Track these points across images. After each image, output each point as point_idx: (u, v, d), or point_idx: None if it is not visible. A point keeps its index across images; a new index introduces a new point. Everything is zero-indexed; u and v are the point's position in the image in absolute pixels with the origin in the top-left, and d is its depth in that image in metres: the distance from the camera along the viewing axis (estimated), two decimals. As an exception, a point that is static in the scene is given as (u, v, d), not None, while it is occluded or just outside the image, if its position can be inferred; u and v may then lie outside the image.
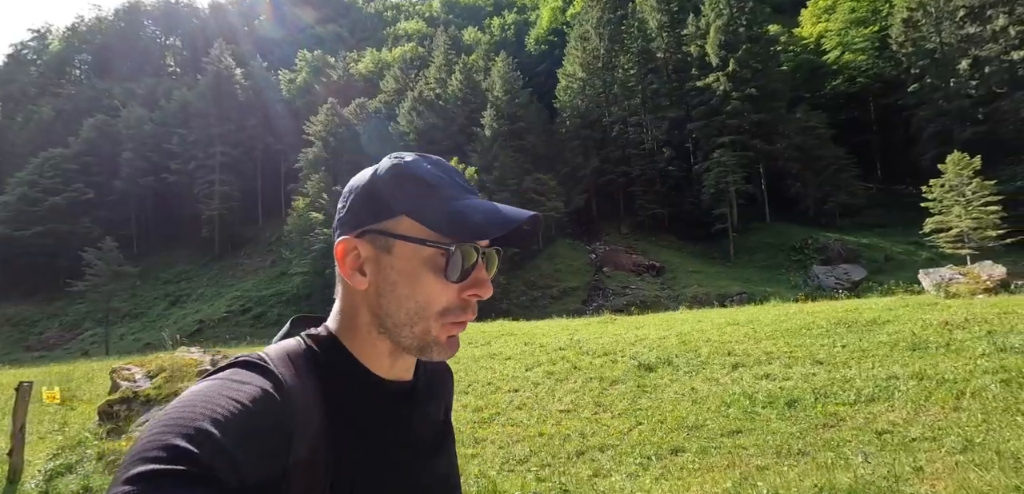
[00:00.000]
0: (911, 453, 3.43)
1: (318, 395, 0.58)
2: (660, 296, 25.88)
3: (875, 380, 4.97)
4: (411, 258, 0.60)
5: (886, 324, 8.33)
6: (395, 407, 0.65)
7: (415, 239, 0.59)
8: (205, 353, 6.66)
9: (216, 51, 53.34)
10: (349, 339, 0.63)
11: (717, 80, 35.41)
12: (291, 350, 0.61)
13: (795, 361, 6.23)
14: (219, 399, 0.49)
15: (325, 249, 33.86)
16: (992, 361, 5.06)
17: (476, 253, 0.61)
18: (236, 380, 0.52)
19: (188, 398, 0.49)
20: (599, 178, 38.15)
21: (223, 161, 50.88)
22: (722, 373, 6.08)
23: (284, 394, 0.54)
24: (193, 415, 0.46)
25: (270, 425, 0.51)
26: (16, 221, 45.89)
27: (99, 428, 5.69)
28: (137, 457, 0.42)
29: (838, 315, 9.94)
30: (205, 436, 0.45)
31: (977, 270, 11.58)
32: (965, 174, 22.38)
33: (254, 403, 0.50)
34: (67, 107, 57.26)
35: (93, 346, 34.90)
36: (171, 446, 0.43)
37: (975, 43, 32.63)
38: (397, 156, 0.65)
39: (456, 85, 40.46)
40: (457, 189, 0.63)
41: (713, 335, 9.19)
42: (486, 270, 0.63)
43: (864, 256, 29.79)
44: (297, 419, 0.53)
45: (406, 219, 0.60)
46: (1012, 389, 4.29)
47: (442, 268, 0.59)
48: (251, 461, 0.47)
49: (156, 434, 0.44)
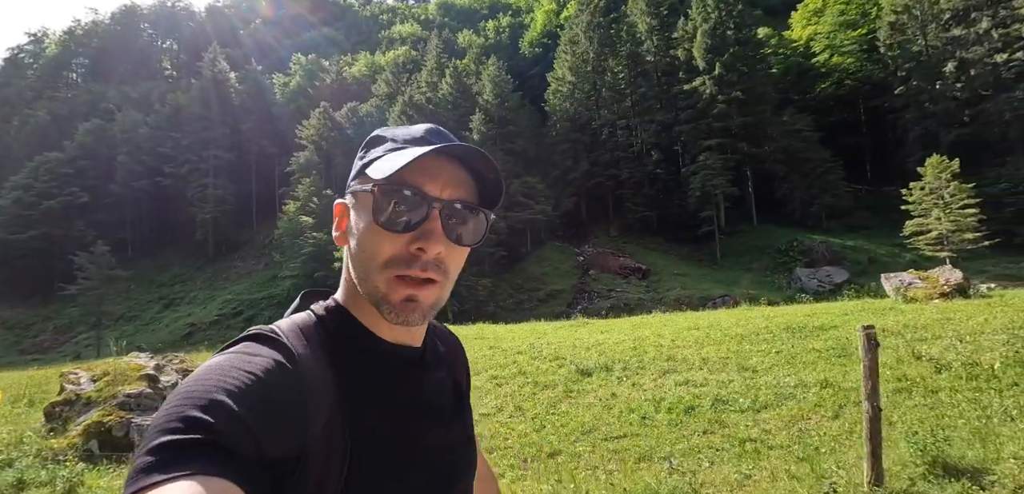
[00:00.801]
0: (745, 462, 3.61)
1: (329, 364, 0.59)
2: (643, 299, 26.03)
3: (781, 388, 5.16)
4: (361, 209, 0.62)
5: (831, 330, 8.52)
6: (404, 372, 0.65)
7: (358, 189, 0.62)
8: (150, 359, 6.86)
9: (210, 55, 53.68)
10: (353, 303, 0.65)
11: (703, 84, 35.63)
12: (300, 322, 0.62)
13: (724, 367, 6.42)
14: (232, 371, 0.50)
15: (315, 252, 34.07)
16: (896, 370, 5.24)
17: (424, 201, 0.59)
18: (248, 353, 0.54)
19: (203, 372, 0.51)
20: (588, 181, 38.36)
21: (217, 165, 51.16)
22: (649, 379, 6.27)
23: (296, 364, 0.55)
24: (207, 387, 0.47)
25: (284, 396, 0.52)
26: (11, 225, 46.17)
27: (42, 427, 5.89)
28: (157, 429, 0.44)
29: (794, 320, 10.12)
30: (220, 406, 0.46)
31: (936, 274, 11.74)
32: (943, 177, 22.53)
33: (266, 374, 0.51)
34: (63, 111, 57.56)
35: (86, 349, 35.11)
36: (188, 417, 0.44)
37: (961, 45, 32.83)
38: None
39: (446, 89, 40.71)
40: (411, 141, 0.63)
41: (667, 341, 9.38)
42: (442, 224, 0.61)
43: (849, 258, 29.96)
44: (310, 389, 0.54)
45: (364, 174, 0.62)
46: (899, 398, 4.47)
47: (372, 210, 0.60)
48: (267, 430, 0.48)
49: (174, 407, 0.46)
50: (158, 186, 51.12)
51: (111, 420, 5.49)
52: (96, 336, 36.18)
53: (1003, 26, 30.36)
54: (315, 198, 35.97)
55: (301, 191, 37.38)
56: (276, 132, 53.66)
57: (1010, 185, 29.50)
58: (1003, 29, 30.39)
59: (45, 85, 62.97)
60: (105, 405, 5.72)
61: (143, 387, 6.06)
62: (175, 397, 0.48)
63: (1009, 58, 29.91)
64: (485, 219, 0.65)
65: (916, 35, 34.93)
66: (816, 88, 43.51)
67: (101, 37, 69.54)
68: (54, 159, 50.08)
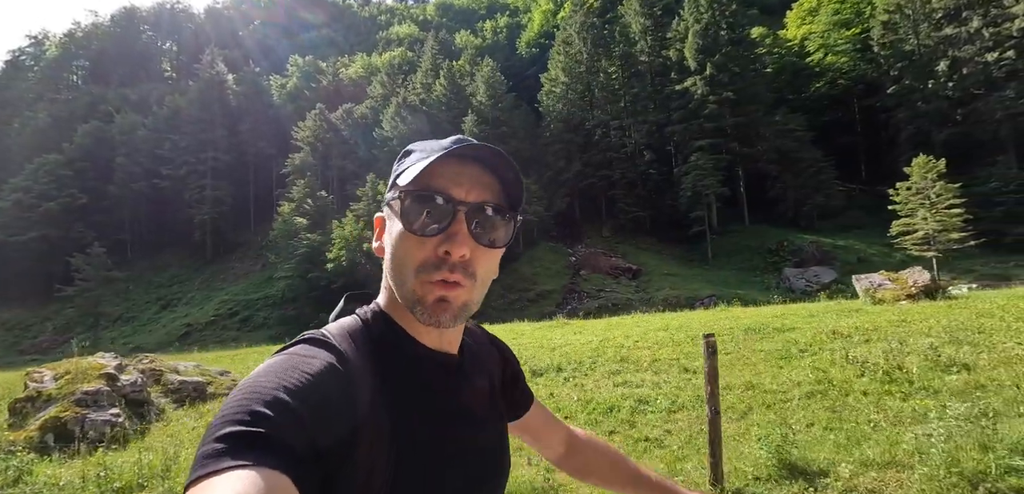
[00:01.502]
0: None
1: (374, 367, 0.62)
2: (632, 299, 26.17)
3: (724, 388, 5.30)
4: (394, 218, 0.65)
5: (788, 332, 8.66)
6: (443, 378, 0.68)
7: (391, 199, 0.66)
8: (114, 358, 7.06)
9: (208, 57, 53.98)
10: (394, 311, 0.68)
11: (694, 84, 35.71)
12: (349, 326, 0.66)
13: (668, 369, 6.58)
14: (291, 371, 0.54)
15: (308, 253, 34.30)
16: (824, 373, 5.39)
17: (449, 204, 0.63)
18: (303, 355, 0.57)
19: (263, 371, 0.54)
20: (581, 181, 38.48)
21: (215, 166, 51.48)
22: (593, 380, 6.43)
23: (347, 366, 0.58)
24: (269, 385, 0.51)
25: (336, 395, 0.55)
26: (11, 227, 46.56)
27: (4, 422, 6.11)
28: (224, 420, 0.48)
29: (760, 321, 10.27)
30: (281, 403, 0.49)
31: (906, 276, 11.83)
32: (929, 177, 22.58)
33: (321, 375, 0.55)
34: (63, 113, 57.96)
35: (84, 350, 35.42)
36: (253, 411, 0.48)
37: (953, 44, 32.84)
38: None
39: (440, 90, 40.88)
40: (437, 149, 0.65)
41: (630, 342, 9.54)
42: (467, 227, 0.63)
43: (839, 258, 30.02)
44: (359, 391, 0.58)
45: (395, 184, 0.66)
46: (813, 399, 4.63)
47: (406, 220, 0.63)
48: (321, 428, 0.51)
49: (239, 400, 0.50)
50: (156, 188, 51.43)
51: (67, 415, 5.71)
52: (93, 337, 36.52)
53: (994, 25, 30.35)
54: (309, 199, 36.21)
55: (296, 192, 37.63)
56: (274, 133, 53.92)
57: (1000, 184, 29.52)
58: (994, 28, 30.37)
59: (46, 87, 63.44)
60: (63, 401, 5.93)
61: (101, 385, 6.27)
62: (240, 391, 0.51)
63: (999, 57, 29.91)
64: (512, 220, 0.68)
65: (908, 34, 34.93)
66: (811, 87, 43.53)
67: (101, 39, 69.96)
68: (53, 161, 50.46)
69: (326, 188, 41.16)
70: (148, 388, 7.28)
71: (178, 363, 9.46)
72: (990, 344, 5.58)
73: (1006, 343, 5.59)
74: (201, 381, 8.41)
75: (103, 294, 36.47)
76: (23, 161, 51.33)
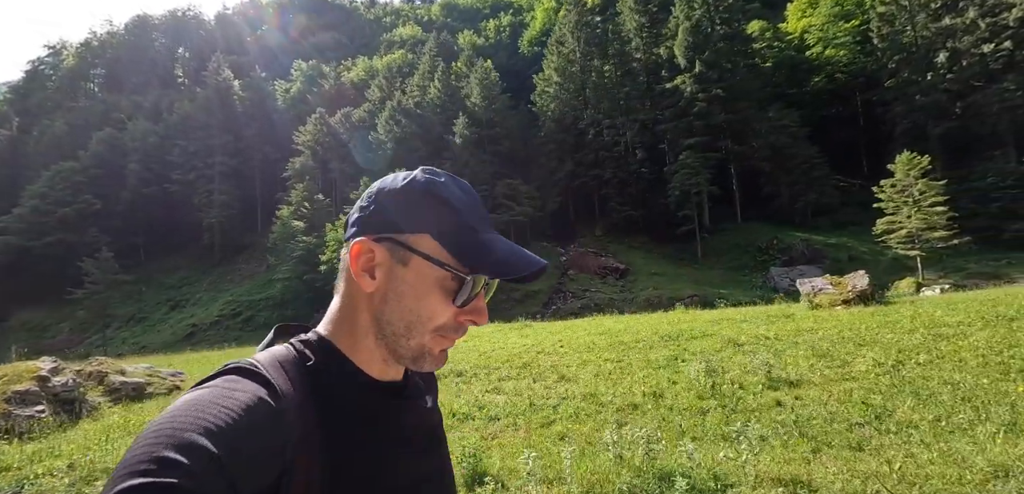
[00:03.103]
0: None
1: (310, 398, 0.59)
2: (615, 299, 26.36)
3: (565, 397, 5.64)
4: (425, 276, 0.62)
5: (695, 340, 8.90)
6: (387, 404, 0.67)
7: (435, 260, 0.62)
8: (52, 361, 7.72)
9: (214, 64, 55.38)
10: (345, 340, 0.65)
11: (683, 81, 35.56)
12: (281, 356, 0.62)
13: (547, 377, 6.93)
14: (211, 408, 0.49)
15: (304, 255, 35.21)
16: (666, 386, 5.68)
17: (481, 282, 0.64)
18: (228, 387, 0.53)
19: (180, 407, 0.49)
20: (573, 181, 38.64)
21: (222, 171, 52.92)
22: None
23: (278, 399, 0.55)
24: (184, 425, 0.46)
25: (263, 432, 0.51)
26: (29, 232, 48.56)
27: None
28: (126, 471, 0.42)
29: (694, 326, 10.50)
30: (195, 447, 0.44)
31: (848, 280, 11.90)
32: (912, 174, 22.30)
33: (247, 411, 0.50)
34: (79, 121, 60.06)
35: (97, 349, 36.98)
36: (160, 458, 0.42)
37: (951, 36, 32.12)
38: (431, 172, 0.68)
39: (435, 93, 41.39)
40: (480, 221, 0.66)
41: (569, 346, 9.83)
42: (484, 297, 0.66)
43: (829, 256, 29.73)
44: (291, 424, 0.54)
45: (429, 238, 0.63)
46: (622, 413, 4.95)
47: (452, 292, 0.63)
48: (244, 471, 0.47)
49: (146, 446, 0.44)
50: (166, 192, 53.12)
51: (-5, 413, 6.32)
52: (102, 337, 38.08)
53: (991, 15, 29.62)
54: (307, 203, 37.10)
55: (294, 196, 38.58)
56: (279, 138, 55.13)
57: (997, 179, 28.88)
58: (991, 18, 29.65)
59: (64, 96, 65.78)
60: (-5, 402, 6.54)
61: (31, 385, 6.91)
62: (148, 434, 0.45)
63: (996, 48, 29.22)
64: None
65: (905, 26, 34.26)
66: (811, 82, 42.92)
67: (115, 48, 72.18)
68: (69, 168, 52.39)
69: (326, 191, 42.04)
70: (81, 388, 7.91)
71: (127, 365, 10.16)
72: (846, 359, 5.80)
73: (863, 357, 5.80)
74: (141, 382, 9.07)
75: (111, 296, 37.96)
76: (40, 168, 53.37)
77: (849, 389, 4.63)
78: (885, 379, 4.70)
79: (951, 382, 4.39)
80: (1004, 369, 4.55)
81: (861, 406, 3.95)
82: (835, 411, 4.02)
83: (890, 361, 5.40)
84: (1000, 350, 5.24)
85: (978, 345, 5.68)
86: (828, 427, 3.70)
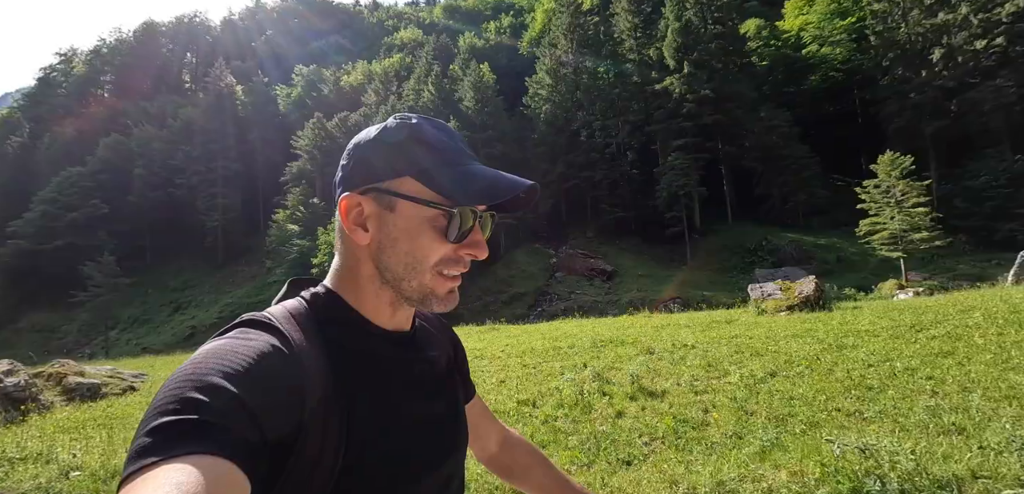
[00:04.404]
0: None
1: (321, 347, 0.61)
2: (599, 301, 26.50)
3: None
4: (413, 217, 0.64)
5: (620, 346, 9.06)
6: (396, 352, 0.69)
7: (420, 200, 0.63)
8: (8, 364, 8.30)
9: (217, 70, 56.41)
10: (350, 293, 0.68)
11: (671, 83, 35.51)
12: (292, 308, 0.65)
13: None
14: (230, 355, 0.52)
15: (299, 258, 35.89)
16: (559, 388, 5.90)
17: (474, 216, 0.66)
18: (243, 337, 0.56)
19: (200, 355, 0.52)
20: (565, 183, 38.76)
21: (225, 174, 53.93)
22: None
23: (291, 348, 0.57)
24: (206, 369, 0.49)
25: (280, 377, 0.54)
26: (38, 236, 49.95)
27: None
28: (155, 411, 0.46)
29: (639, 332, 10.67)
30: (218, 388, 0.47)
31: (797, 285, 11.95)
32: (893, 175, 22.12)
33: (263, 357, 0.53)
34: (87, 127, 61.53)
35: (102, 350, 38.05)
36: (187, 398, 0.46)
37: (945, 32, 31.67)
38: (403, 116, 0.69)
39: (428, 96, 41.77)
40: (459, 154, 0.67)
41: (503, 351, 10.06)
42: (482, 232, 0.68)
43: (818, 257, 29.56)
44: (305, 371, 0.56)
45: (410, 180, 0.64)
46: (527, 409, 5.18)
47: (443, 228, 0.64)
48: (265, 410, 0.50)
49: (172, 389, 0.47)
50: (171, 196, 54.28)
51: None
52: (105, 339, 39.15)
53: (984, 10, 29.17)
54: (302, 206, 37.72)
55: (291, 199, 39.24)
56: (281, 141, 56.03)
57: (990, 178, 28.49)
58: (984, 14, 29.20)
59: (74, 102, 67.39)
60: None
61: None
62: (173, 380, 0.49)
63: (989, 44, 28.78)
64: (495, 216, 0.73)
65: (899, 22, 33.85)
66: (808, 80, 42.53)
67: (124, 55, 73.72)
68: (77, 173, 53.74)
69: (321, 195, 42.66)
70: (34, 388, 8.40)
71: (89, 367, 10.67)
72: (728, 370, 5.96)
73: (745, 368, 5.96)
74: (97, 383, 9.58)
75: (113, 299, 39.02)
76: (49, 174, 54.82)
77: (701, 401, 4.81)
78: (743, 393, 4.86)
79: (792, 396, 4.56)
80: (844, 385, 4.70)
81: (673, 422, 4.13)
82: (652, 425, 4.22)
83: (765, 373, 5.56)
84: (871, 364, 5.37)
85: (854, 358, 5.81)
86: (633, 439, 3.90)
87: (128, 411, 8.06)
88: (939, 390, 4.15)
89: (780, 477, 2.52)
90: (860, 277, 26.63)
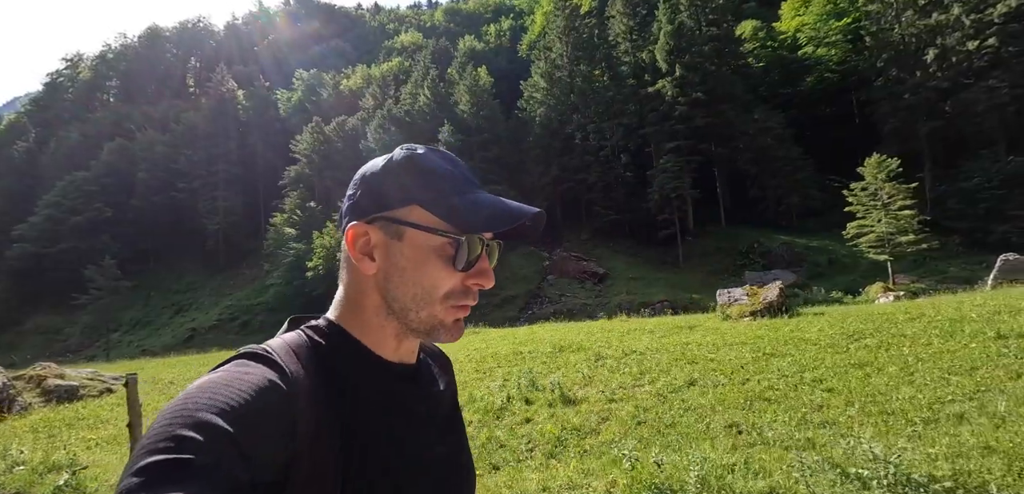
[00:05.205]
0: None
1: (322, 381, 0.60)
2: (589, 304, 26.63)
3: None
4: (421, 246, 0.64)
5: (576, 351, 9.23)
6: (400, 387, 0.68)
7: (426, 228, 0.63)
8: None
9: (218, 75, 57.08)
10: (354, 324, 0.67)
11: (664, 86, 35.57)
12: (292, 341, 0.64)
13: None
14: (223, 389, 0.51)
15: (295, 262, 36.24)
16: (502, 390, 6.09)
17: (481, 244, 0.65)
18: (239, 371, 0.55)
19: (193, 390, 0.51)
20: (559, 186, 38.91)
21: (226, 178, 54.59)
22: None
23: (288, 382, 0.56)
24: (197, 406, 0.48)
25: (275, 412, 0.53)
26: (43, 240, 50.79)
27: None
28: (144, 450, 0.45)
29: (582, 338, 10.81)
30: (208, 425, 0.46)
31: (763, 291, 12.03)
32: (880, 177, 22.09)
33: (258, 392, 0.52)
34: (92, 132, 62.46)
35: (103, 353, 38.68)
36: (177, 436, 0.45)
37: (938, 32, 31.52)
38: (409, 147, 0.69)
39: (424, 100, 42.06)
40: (465, 183, 0.67)
41: (486, 354, 10.23)
42: (488, 261, 0.67)
43: (809, 260, 29.53)
44: (302, 407, 0.56)
45: (417, 208, 0.64)
46: None
47: (450, 257, 0.64)
48: (257, 448, 0.49)
49: (163, 426, 0.46)
50: (174, 200, 54.99)
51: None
52: (106, 341, 39.79)
53: (976, 11, 29.01)
54: (299, 210, 38.10)
55: (288, 203, 39.65)
56: (281, 145, 56.59)
57: (983, 179, 28.31)
58: (977, 14, 29.05)
59: (80, 107, 68.41)
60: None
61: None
62: (163, 416, 0.48)
63: (981, 45, 28.62)
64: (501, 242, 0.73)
65: (892, 23, 33.72)
66: (804, 81, 42.40)
67: (129, 60, 74.74)
68: (81, 178, 54.62)
69: (318, 199, 43.08)
70: (13, 389, 8.74)
71: (70, 370, 11.03)
72: (655, 378, 6.13)
73: (668, 376, 6.12)
74: (75, 385, 9.95)
75: (114, 302, 39.66)
76: (54, 178, 55.70)
77: (608, 410, 4.98)
78: (652, 401, 5.03)
79: (692, 407, 4.72)
80: (747, 397, 4.85)
81: (559, 431, 4.31)
82: (546, 432, 4.40)
83: (685, 382, 5.71)
84: (785, 374, 5.52)
85: (774, 369, 5.94)
86: (518, 445, 4.08)
87: (98, 412, 8.38)
88: (825, 404, 4.30)
89: (597, 486, 2.70)
90: (850, 280, 26.59)
